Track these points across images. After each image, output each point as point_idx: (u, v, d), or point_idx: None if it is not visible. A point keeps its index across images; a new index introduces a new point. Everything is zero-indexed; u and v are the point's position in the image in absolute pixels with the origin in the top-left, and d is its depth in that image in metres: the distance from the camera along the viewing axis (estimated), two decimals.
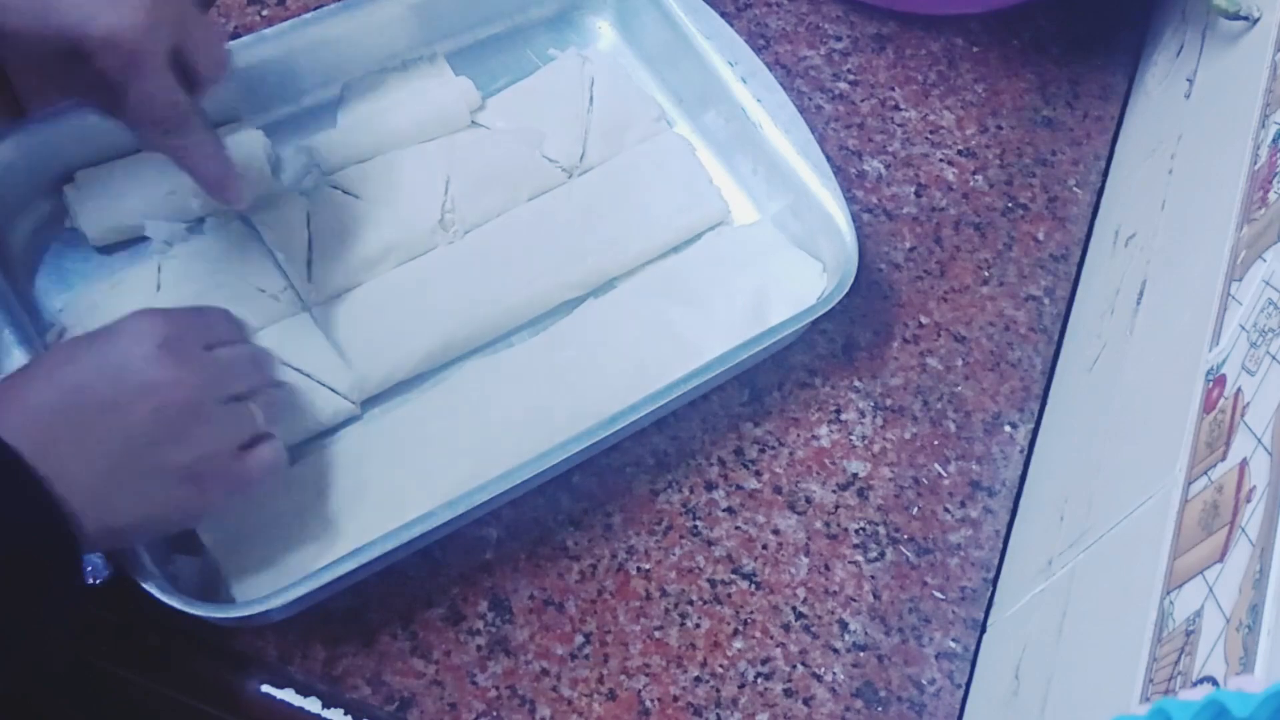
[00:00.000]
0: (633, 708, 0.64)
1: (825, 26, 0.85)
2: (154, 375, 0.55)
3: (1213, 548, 0.47)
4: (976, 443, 0.73)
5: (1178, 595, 0.48)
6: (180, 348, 0.56)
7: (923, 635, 0.68)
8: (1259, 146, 0.60)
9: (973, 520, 0.71)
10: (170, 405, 0.55)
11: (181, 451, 0.55)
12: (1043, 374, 0.76)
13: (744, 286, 0.72)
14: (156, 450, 0.54)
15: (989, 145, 0.82)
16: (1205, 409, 0.53)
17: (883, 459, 0.72)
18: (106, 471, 0.53)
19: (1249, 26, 0.70)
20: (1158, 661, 0.47)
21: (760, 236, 0.75)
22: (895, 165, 0.81)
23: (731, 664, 0.65)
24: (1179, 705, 0.36)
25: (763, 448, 0.71)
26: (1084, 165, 0.83)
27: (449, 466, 0.65)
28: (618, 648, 0.65)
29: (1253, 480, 0.46)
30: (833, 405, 0.73)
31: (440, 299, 0.70)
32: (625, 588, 0.66)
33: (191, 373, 0.56)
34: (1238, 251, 0.57)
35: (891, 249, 0.78)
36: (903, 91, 0.83)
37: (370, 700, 0.62)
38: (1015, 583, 0.67)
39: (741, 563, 0.68)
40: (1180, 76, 0.77)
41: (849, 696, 0.65)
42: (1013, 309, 0.77)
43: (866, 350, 0.75)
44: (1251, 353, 0.51)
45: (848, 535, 0.69)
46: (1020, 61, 0.85)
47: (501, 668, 0.64)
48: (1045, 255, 0.79)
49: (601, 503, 0.68)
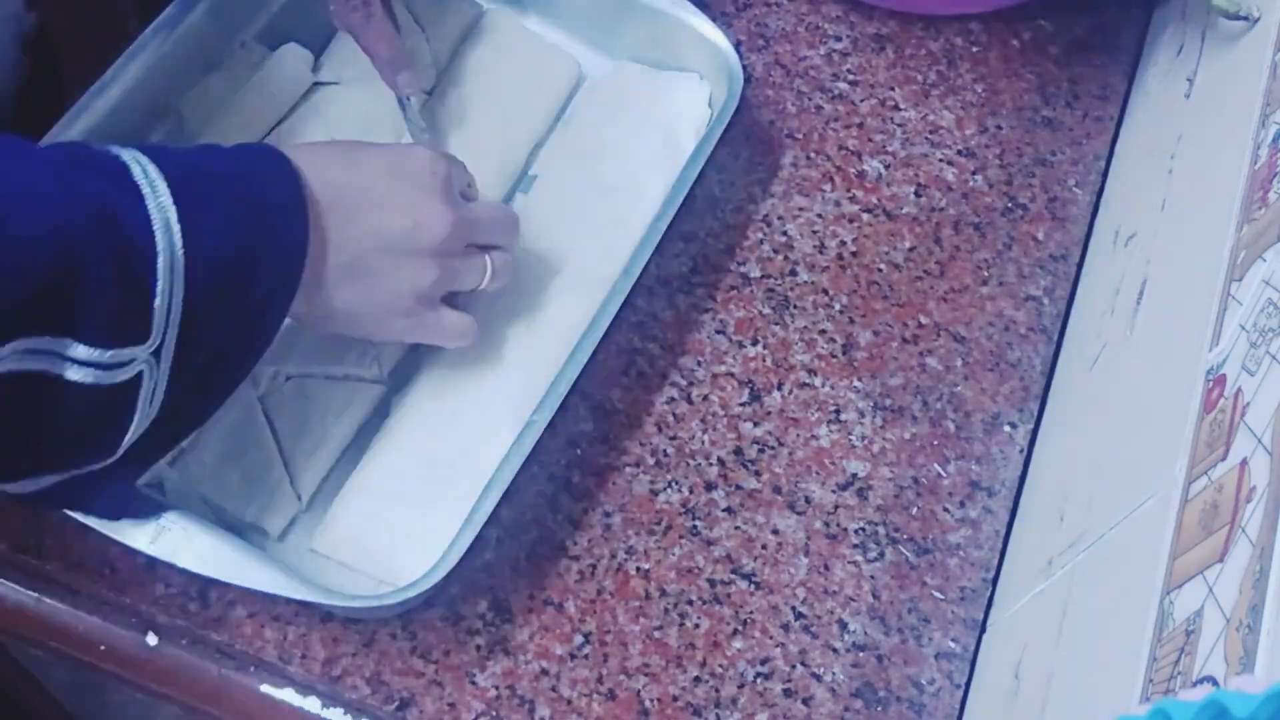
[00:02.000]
0: (632, 708, 0.64)
1: (825, 26, 0.85)
2: (425, 199, 0.60)
3: (1213, 548, 0.47)
4: (976, 443, 0.73)
5: (1178, 595, 0.48)
6: (451, 187, 0.61)
7: (922, 635, 0.68)
8: (1259, 146, 0.60)
9: (972, 520, 0.71)
10: (427, 230, 0.60)
11: (414, 271, 0.60)
12: (1042, 374, 0.76)
13: (643, 130, 0.74)
14: (396, 260, 0.59)
15: (989, 145, 0.82)
16: (1205, 409, 0.53)
17: (882, 459, 0.72)
18: (352, 257, 0.58)
19: (1249, 26, 0.70)
20: (1158, 661, 0.47)
21: (628, 78, 0.76)
22: (895, 165, 0.81)
23: (731, 664, 0.65)
24: (1179, 705, 0.36)
25: (763, 448, 0.71)
26: (1084, 165, 0.83)
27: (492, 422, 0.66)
28: (617, 648, 0.65)
29: (1253, 480, 0.46)
30: (832, 405, 0.73)
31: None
32: (625, 588, 0.66)
33: (454, 211, 0.61)
34: (1238, 251, 0.57)
35: (891, 249, 0.78)
36: (902, 91, 0.83)
37: (370, 700, 0.62)
38: (1015, 583, 0.67)
39: (741, 563, 0.68)
40: (1180, 76, 0.77)
41: (848, 696, 0.65)
42: (1013, 309, 0.77)
43: (866, 350, 0.75)
44: (1251, 353, 0.51)
45: (847, 535, 0.69)
46: (1020, 61, 0.85)
47: (501, 668, 0.64)
48: (1045, 255, 0.79)
49: (601, 503, 0.68)
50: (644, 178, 0.74)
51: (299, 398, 0.66)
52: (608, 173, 0.74)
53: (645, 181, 0.73)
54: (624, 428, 0.70)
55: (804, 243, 0.77)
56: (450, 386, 0.67)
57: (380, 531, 0.64)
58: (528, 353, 0.68)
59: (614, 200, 0.73)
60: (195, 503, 0.63)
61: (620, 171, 0.74)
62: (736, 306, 0.75)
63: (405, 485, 0.65)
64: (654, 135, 0.75)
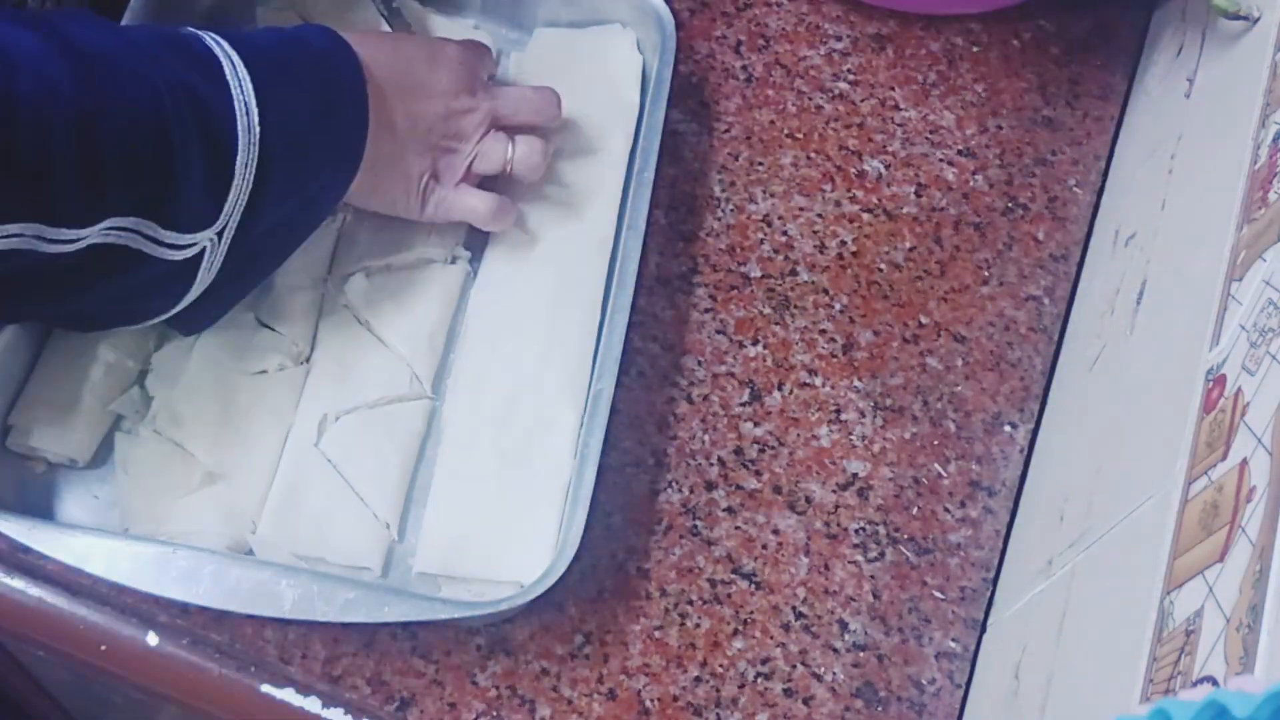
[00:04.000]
0: (632, 708, 0.64)
1: (825, 26, 0.85)
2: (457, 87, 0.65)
3: (1213, 548, 0.47)
4: (976, 443, 0.73)
5: (1178, 595, 0.48)
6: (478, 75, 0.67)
7: (922, 635, 0.68)
8: (1259, 146, 0.60)
9: (973, 520, 0.71)
10: (456, 116, 0.65)
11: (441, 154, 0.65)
12: (1043, 374, 0.76)
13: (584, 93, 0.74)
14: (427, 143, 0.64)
15: (989, 145, 0.82)
16: (1205, 409, 0.53)
17: (883, 459, 0.72)
18: (395, 139, 0.63)
19: (1249, 26, 0.70)
20: (1158, 661, 0.47)
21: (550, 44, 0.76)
22: (895, 165, 0.81)
23: (731, 664, 0.65)
24: (1179, 705, 0.36)
25: (763, 448, 0.71)
26: (1084, 165, 0.83)
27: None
28: (617, 647, 0.65)
29: (1253, 480, 0.46)
30: (833, 405, 0.73)
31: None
32: (625, 587, 0.66)
33: (481, 97, 0.66)
34: (1238, 251, 0.57)
35: (891, 249, 0.78)
36: (903, 91, 0.83)
37: (370, 700, 0.62)
38: (1015, 583, 0.67)
39: (741, 562, 0.68)
40: (1180, 76, 0.77)
41: (849, 696, 0.65)
42: (1013, 309, 0.77)
43: (866, 350, 0.75)
44: (1251, 353, 0.51)
45: (847, 535, 0.69)
46: (1020, 61, 0.85)
47: (501, 668, 0.64)
48: (1045, 255, 0.79)
49: (601, 502, 0.68)
50: (605, 139, 0.73)
51: (351, 435, 0.66)
52: (566, 142, 0.73)
53: (608, 142, 0.73)
54: (624, 428, 0.70)
55: (804, 243, 0.77)
56: (493, 377, 0.68)
57: (478, 535, 0.64)
58: (558, 326, 0.68)
59: (584, 167, 0.73)
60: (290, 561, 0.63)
61: (579, 138, 0.73)
62: (737, 306, 0.75)
63: (485, 484, 0.65)
64: (598, 95, 0.74)
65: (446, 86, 0.64)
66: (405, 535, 0.65)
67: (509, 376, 0.67)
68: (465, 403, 0.67)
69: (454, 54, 0.66)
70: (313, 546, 0.63)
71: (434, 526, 0.65)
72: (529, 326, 0.68)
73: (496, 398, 0.67)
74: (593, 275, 0.70)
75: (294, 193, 0.59)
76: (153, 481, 0.63)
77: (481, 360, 0.68)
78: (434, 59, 0.65)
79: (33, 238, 0.51)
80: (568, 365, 0.67)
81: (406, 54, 0.64)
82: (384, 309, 0.68)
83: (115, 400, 0.64)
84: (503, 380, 0.67)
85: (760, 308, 0.75)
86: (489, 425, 0.66)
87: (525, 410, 0.66)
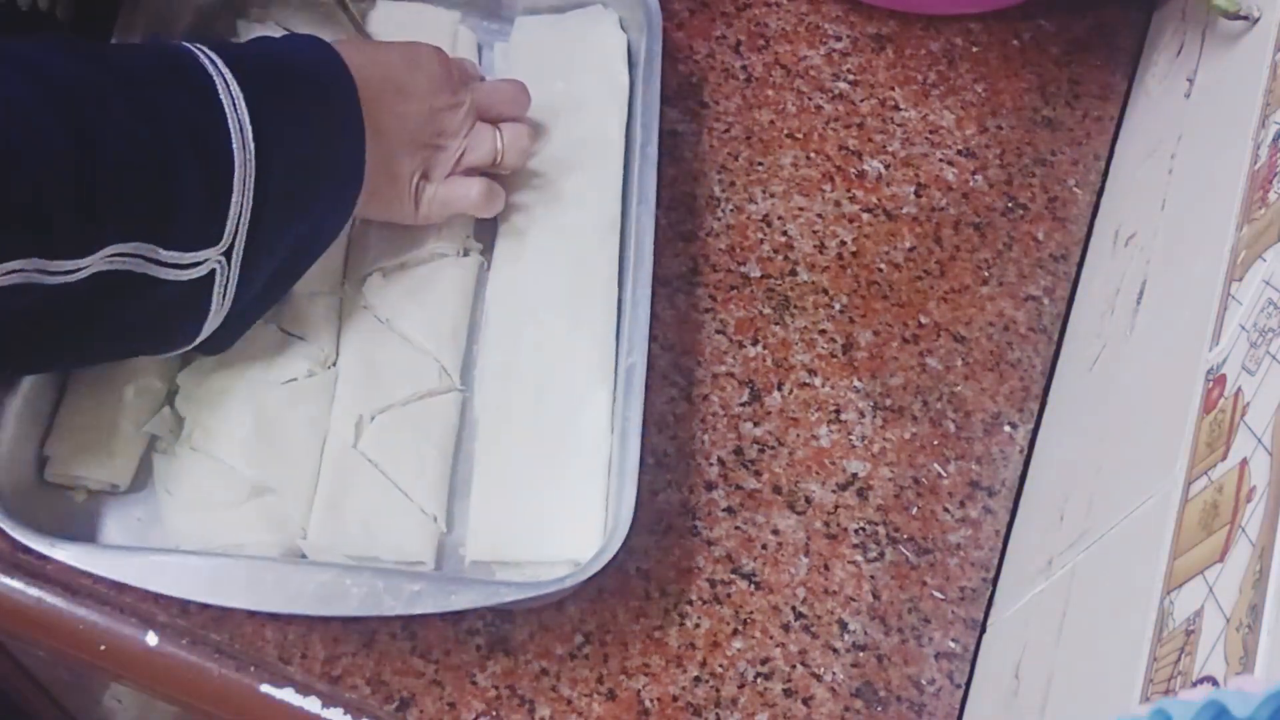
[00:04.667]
0: (632, 707, 0.64)
1: (825, 26, 0.85)
2: (437, 86, 0.65)
3: (1213, 548, 0.47)
4: (976, 443, 0.73)
5: (1178, 595, 0.48)
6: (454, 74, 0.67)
7: (922, 635, 0.68)
8: (1259, 146, 0.60)
9: (972, 520, 0.71)
10: (439, 114, 0.66)
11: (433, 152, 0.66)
12: (1043, 374, 0.76)
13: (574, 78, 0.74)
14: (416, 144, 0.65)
15: (989, 145, 0.82)
16: (1205, 409, 0.53)
17: (882, 459, 0.72)
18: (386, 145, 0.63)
19: (1249, 26, 0.70)
20: (1158, 661, 0.47)
21: (534, 31, 0.76)
22: (895, 165, 0.81)
23: (731, 664, 0.65)
24: (1179, 705, 0.36)
25: (763, 448, 0.71)
26: (1084, 165, 0.83)
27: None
28: (617, 647, 0.65)
29: (1253, 480, 0.46)
30: (832, 405, 0.73)
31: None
32: (624, 587, 0.66)
33: (462, 95, 0.67)
34: (1238, 251, 0.57)
35: (891, 249, 0.78)
36: (902, 91, 0.83)
37: (370, 700, 0.62)
38: (1015, 583, 0.67)
39: (741, 562, 0.68)
40: (1180, 76, 0.77)
41: (849, 696, 0.65)
42: (1013, 309, 0.77)
43: (866, 350, 0.75)
44: (1251, 353, 0.51)
45: (847, 535, 0.69)
46: (1020, 61, 0.85)
47: (501, 667, 0.64)
48: (1045, 255, 0.79)
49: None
50: (600, 119, 0.73)
51: (388, 434, 0.66)
52: (561, 126, 0.73)
53: (604, 122, 0.73)
54: None
55: (804, 243, 0.77)
56: (521, 363, 0.68)
57: (526, 519, 0.64)
58: (578, 306, 0.69)
59: (582, 149, 0.73)
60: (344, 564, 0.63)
61: (573, 121, 0.74)
62: (736, 306, 0.75)
63: (526, 467, 0.65)
64: (587, 78, 0.75)
65: (427, 86, 0.65)
66: (453, 527, 0.66)
67: (536, 361, 0.68)
68: (495, 391, 0.67)
69: (430, 54, 0.66)
70: (364, 547, 0.63)
71: (481, 514, 0.65)
72: (549, 310, 0.69)
73: (526, 383, 0.67)
74: (605, 253, 0.70)
75: (298, 210, 0.60)
76: (198, 498, 0.63)
77: (507, 348, 0.68)
78: (412, 61, 0.65)
79: (34, 271, 0.51)
80: (594, 343, 0.67)
81: (386, 59, 0.65)
82: (403, 306, 0.68)
83: (148, 422, 0.64)
84: (530, 365, 0.68)
85: (760, 308, 0.75)
86: (522, 410, 0.67)
87: (556, 392, 0.67)
